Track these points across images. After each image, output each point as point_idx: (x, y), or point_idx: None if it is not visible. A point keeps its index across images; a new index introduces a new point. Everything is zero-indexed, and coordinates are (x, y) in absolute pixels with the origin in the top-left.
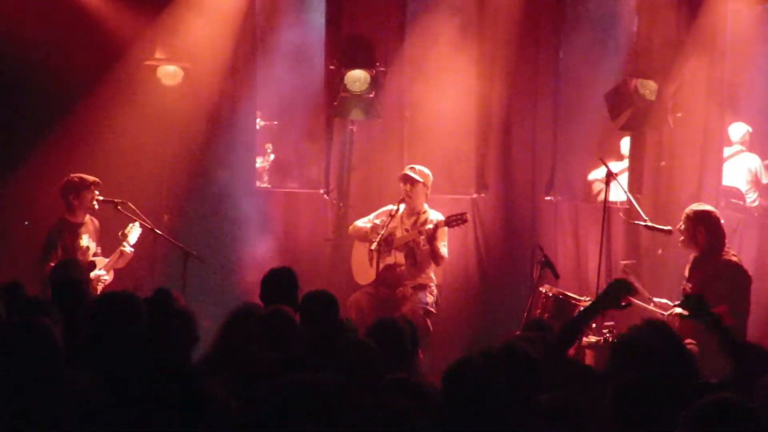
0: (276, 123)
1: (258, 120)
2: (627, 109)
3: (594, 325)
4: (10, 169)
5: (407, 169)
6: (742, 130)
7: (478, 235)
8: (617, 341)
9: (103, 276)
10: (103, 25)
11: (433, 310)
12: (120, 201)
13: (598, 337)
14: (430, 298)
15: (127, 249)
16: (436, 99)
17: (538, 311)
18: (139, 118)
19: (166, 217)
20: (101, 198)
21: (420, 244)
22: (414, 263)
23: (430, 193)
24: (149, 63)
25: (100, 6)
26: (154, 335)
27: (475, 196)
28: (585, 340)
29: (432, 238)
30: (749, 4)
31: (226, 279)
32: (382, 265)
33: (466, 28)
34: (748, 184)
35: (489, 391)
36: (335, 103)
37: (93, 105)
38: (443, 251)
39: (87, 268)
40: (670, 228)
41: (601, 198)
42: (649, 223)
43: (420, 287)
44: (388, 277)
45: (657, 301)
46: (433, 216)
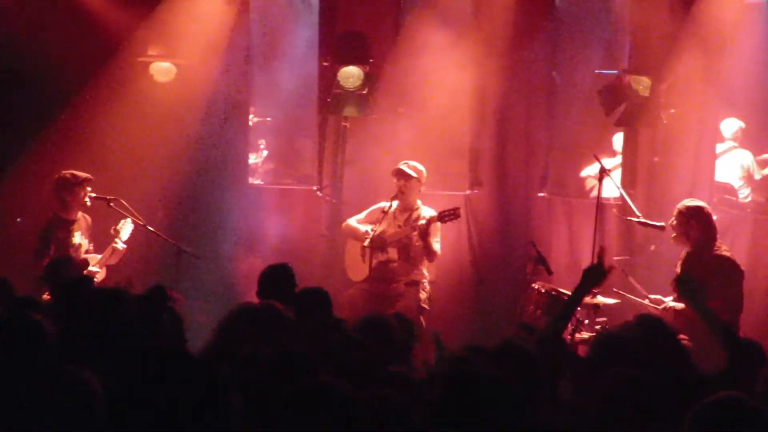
0: (269, 119)
1: (251, 116)
2: (621, 105)
3: (587, 321)
4: (3, 165)
5: (401, 164)
6: (734, 126)
7: (471, 231)
8: (599, 336)
9: (95, 273)
10: (96, 22)
11: (426, 307)
12: (112, 198)
13: (591, 333)
14: (424, 295)
15: (120, 245)
16: (429, 95)
17: (531, 307)
18: (132, 114)
19: (160, 213)
20: (94, 195)
21: (413, 240)
22: (407, 259)
23: (423, 189)
24: (142, 59)
25: (93, 2)
26: (146, 331)
27: (468, 192)
28: (578, 336)
29: (425, 233)
30: None
31: (220, 275)
32: (375, 262)
33: (460, 25)
34: (740, 180)
35: (486, 388)
36: (329, 100)
37: (86, 102)
38: (436, 247)
39: (80, 265)
40: (663, 224)
41: (594, 194)
42: (643, 219)
43: (413, 284)
44: (382, 273)
45: (652, 297)
46: (426, 212)
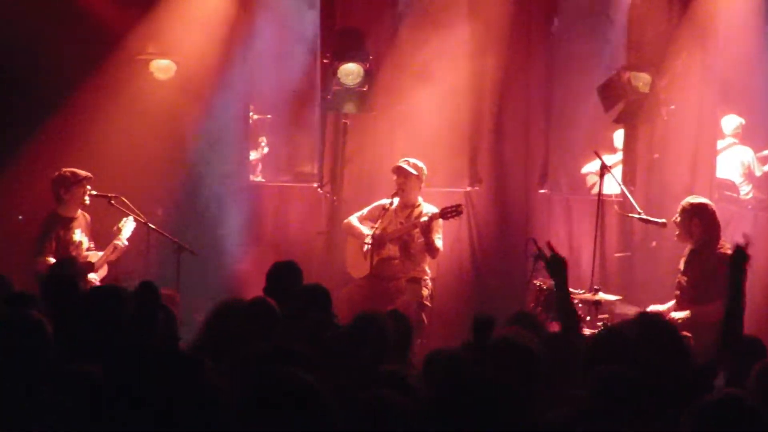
0: (269, 116)
1: (251, 113)
2: (620, 101)
3: (588, 318)
4: (2, 163)
5: (401, 161)
6: (734, 123)
7: (471, 228)
8: (598, 334)
9: (93, 277)
10: (96, 19)
11: (427, 304)
12: (113, 195)
13: (592, 330)
14: (425, 292)
15: (122, 243)
16: (429, 92)
17: (532, 304)
18: (132, 112)
19: (160, 211)
20: (94, 193)
21: (414, 237)
22: (408, 256)
23: (423, 186)
24: (142, 57)
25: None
26: (138, 329)
27: (468, 189)
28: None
29: (427, 230)
30: None
31: (220, 272)
32: (376, 259)
33: (459, 22)
34: (741, 176)
35: (482, 388)
36: (328, 97)
37: (86, 99)
38: (438, 243)
39: (85, 268)
40: (664, 221)
41: (595, 191)
42: (643, 216)
43: (414, 280)
44: (383, 270)
45: (651, 308)
46: (427, 209)
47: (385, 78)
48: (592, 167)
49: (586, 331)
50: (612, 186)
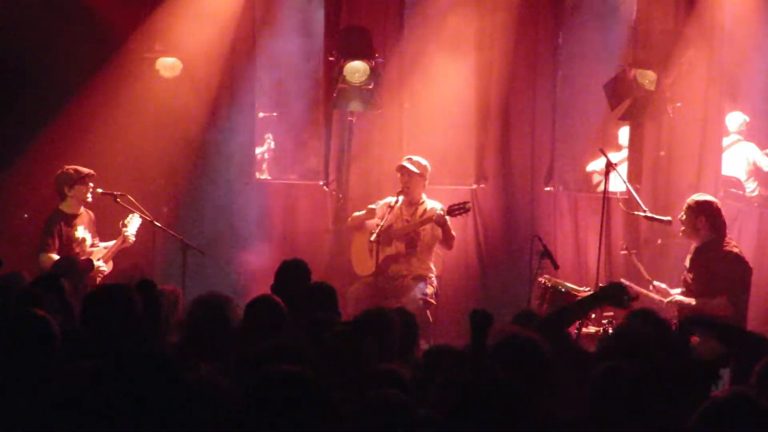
0: (275, 114)
1: (257, 111)
2: (626, 99)
3: (593, 315)
4: (9, 161)
5: (404, 160)
6: (739, 120)
7: (477, 225)
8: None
9: (101, 267)
10: (102, 17)
11: (432, 301)
12: (119, 193)
13: (597, 328)
14: (430, 289)
15: (130, 237)
16: (435, 90)
17: (536, 302)
18: (138, 110)
19: (166, 209)
20: (100, 190)
21: (420, 234)
22: (414, 253)
23: (429, 183)
24: (148, 55)
25: None
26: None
27: (474, 186)
28: (584, 330)
29: (442, 221)
30: None
31: (226, 270)
32: (381, 256)
33: (465, 20)
34: (746, 173)
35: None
36: (334, 95)
37: (92, 97)
38: (453, 233)
39: (85, 267)
40: (669, 218)
41: (600, 189)
42: (649, 214)
43: (420, 278)
44: (388, 267)
45: (656, 284)
46: (432, 205)
47: (391, 76)
48: (596, 165)
49: (591, 329)
50: (618, 184)
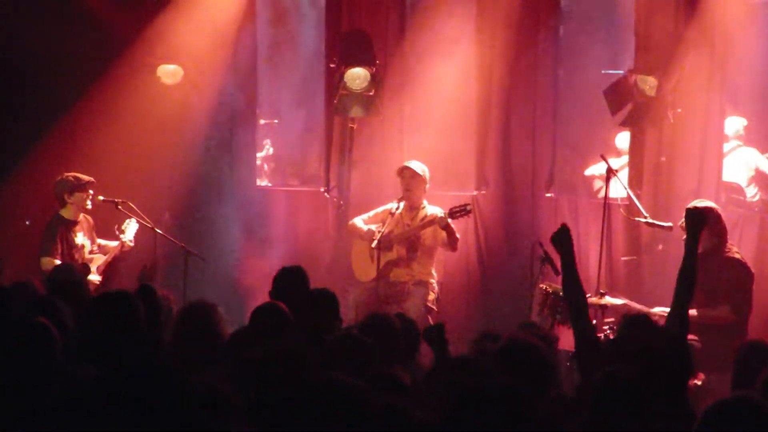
0: (276, 121)
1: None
2: (627, 104)
3: (594, 321)
4: (11, 168)
5: (406, 162)
6: (736, 125)
7: (478, 231)
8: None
9: (93, 279)
10: (103, 24)
11: (433, 307)
12: (121, 200)
13: (599, 334)
14: (431, 295)
15: (128, 243)
16: (435, 96)
17: (537, 308)
18: (139, 116)
19: (167, 215)
20: (102, 197)
21: (421, 239)
22: (414, 258)
23: (429, 189)
24: (149, 62)
25: (100, 4)
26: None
27: (475, 192)
28: None
29: (446, 225)
30: None
31: (227, 277)
32: (383, 262)
33: (465, 25)
34: (747, 179)
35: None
36: (335, 101)
37: (93, 104)
38: (457, 235)
39: (82, 271)
40: (670, 224)
41: (601, 194)
42: (650, 220)
43: (421, 284)
44: (389, 272)
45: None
46: (432, 211)
47: (392, 82)
48: (595, 170)
49: None
50: (618, 189)
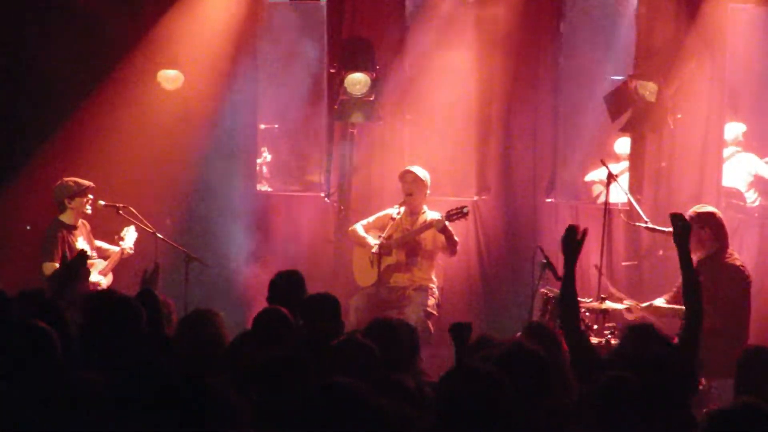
0: (276, 126)
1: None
2: (627, 110)
3: (595, 326)
4: (12, 173)
5: (407, 167)
6: (735, 130)
7: (479, 236)
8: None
9: (100, 282)
10: (103, 30)
11: (434, 312)
12: (122, 205)
13: (600, 339)
14: (432, 300)
15: (128, 249)
16: (436, 101)
17: (538, 313)
18: (139, 122)
19: (168, 221)
20: (103, 203)
21: (421, 244)
22: (414, 263)
23: (430, 194)
24: (150, 67)
25: (100, 10)
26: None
27: (476, 198)
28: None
29: (444, 228)
30: (749, 4)
31: (228, 282)
32: (383, 267)
33: (466, 31)
34: (747, 184)
35: (492, 397)
36: (336, 107)
37: (94, 109)
38: (456, 238)
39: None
40: (671, 229)
41: (601, 200)
42: (650, 225)
43: (421, 289)
44: (389, 277)
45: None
46: (432, 216)
47: (392, 87)
48: (595, 175)
49: (594, 340)
50: (619, 195)
